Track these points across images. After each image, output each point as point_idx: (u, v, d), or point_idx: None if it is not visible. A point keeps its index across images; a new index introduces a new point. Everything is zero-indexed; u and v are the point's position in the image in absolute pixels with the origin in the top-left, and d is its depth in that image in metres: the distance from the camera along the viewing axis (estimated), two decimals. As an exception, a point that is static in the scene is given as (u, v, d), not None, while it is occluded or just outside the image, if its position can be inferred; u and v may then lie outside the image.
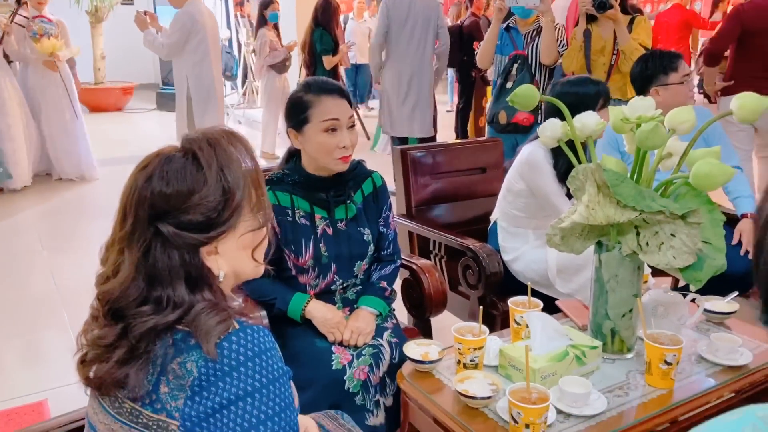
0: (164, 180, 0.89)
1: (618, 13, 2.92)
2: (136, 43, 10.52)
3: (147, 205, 0.88)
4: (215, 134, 0.94)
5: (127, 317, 0.88)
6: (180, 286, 0.89)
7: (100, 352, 0.89)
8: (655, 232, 1.40)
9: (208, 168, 0.90)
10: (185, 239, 0.88)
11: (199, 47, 4.35)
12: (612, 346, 1.53)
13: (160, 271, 0.88)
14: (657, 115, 1.38)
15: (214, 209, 0.90)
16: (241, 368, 0.85)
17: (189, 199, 0.88)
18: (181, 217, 0.88)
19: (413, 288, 2.01)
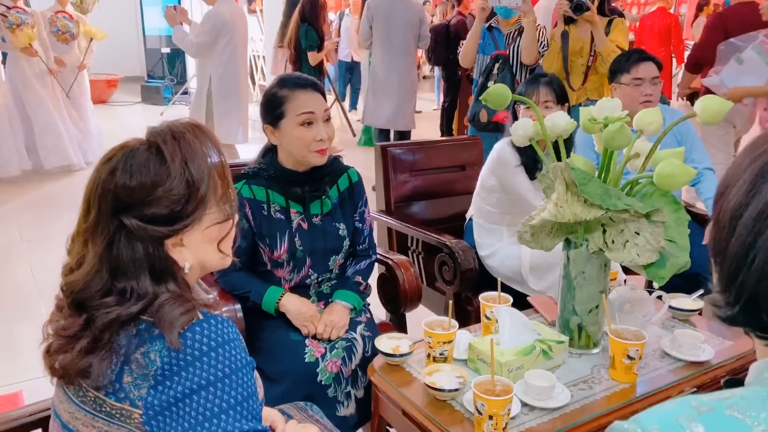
0: (128, 173, 0.89)
1: (595, 15, 2.96)
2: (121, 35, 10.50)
3: (110, 197, 0.89)
4: (180, 127, 0.95)
5: (91, 308, 0.89)
6: (144, 278, 0.90)
7: (64, 342, 0.90)
8: (621, 230, 1.43)
9: (171, 161, 0.90)
10: (149, 232, 0.89)
11: (226, 48, 4.27)
12: (579, 341, 1.57)
13: (124, 263, 0.89)
14: (623, 116, 1.41)
15: (178, 202, 0.90)
16: (204, 358, 0.87)
17: (153, 192, 0.89)
18: (144, 210, 0.89)
19: (389, 283, 2.03)
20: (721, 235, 0.69)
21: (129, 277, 0.89)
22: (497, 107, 1.58)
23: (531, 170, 2.13)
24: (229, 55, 4.31)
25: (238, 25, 4.34)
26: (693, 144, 2.47)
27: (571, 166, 1.44)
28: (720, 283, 0.70)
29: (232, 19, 4.24)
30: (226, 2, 4.28)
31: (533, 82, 2.16)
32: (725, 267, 0.68)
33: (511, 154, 2.13)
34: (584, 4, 2.95)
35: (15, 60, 5.18)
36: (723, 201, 0.70)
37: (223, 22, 4.19)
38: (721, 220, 0.69)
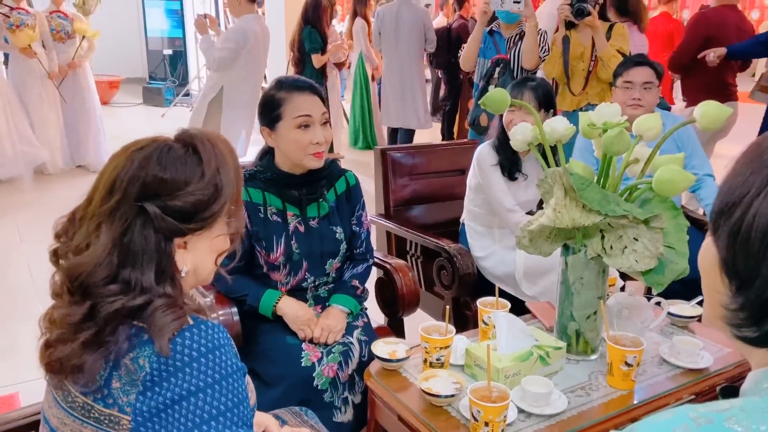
0: (162, 165, 0.91)
1: (596, 20, 2.96)
2: (123, 36, 10.52)
3: (139, 184, 0.90)
4: (213, 136, 0.98)
5: (95, 295, 0.88)
6: (149, 272, 0.90)
7: (66, 331, 0.88)
8: (619, 236, 1.43)
9: (207, 164, 0.93)
10: (167, 224, 0.90)
11: (246, 65, 4.23)
12: (576, 347, 1.56)
13: (135, 251, 0.89)
14: (622, 121, 1.41)
15: (202, 203, 0.92)
16: (194, 364, 0.86)
17: (183, 188, 0.91)
18: (168, 202, 0.90)
19: (387, 287, 2.02)
20: (748, 252, 0.63)
21: (136, 268, 0.89)
22: (496, 112, 1.57)
23: (508, 171, 2.16)
24: (248, 71, 4.26)
25: (260, 42, 4.28)
26: (693, 150, 2.46)
27: (569, 171, 1.43)
28: (739, 302, 0.65)
29: (254, 36, 4.18)
30: (251, 19, 4.21)
31: (520, 86, 2.16)
32: (757, 287, 0.62)
33: (488, 153, 2.20)
34: (585, 9, 2.95)
35: (16, 61, 5.18)
36: (740, 213, 0.64)
37: (246, 41, 4.13)
38: (744, 234, 0.63)
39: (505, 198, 2.14)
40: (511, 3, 3.08)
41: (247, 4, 4.15)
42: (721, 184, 0.69)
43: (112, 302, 0.87)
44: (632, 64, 2.38)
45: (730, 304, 0.66)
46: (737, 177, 0.66)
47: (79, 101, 5.53)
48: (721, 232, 0.67)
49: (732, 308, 0.66)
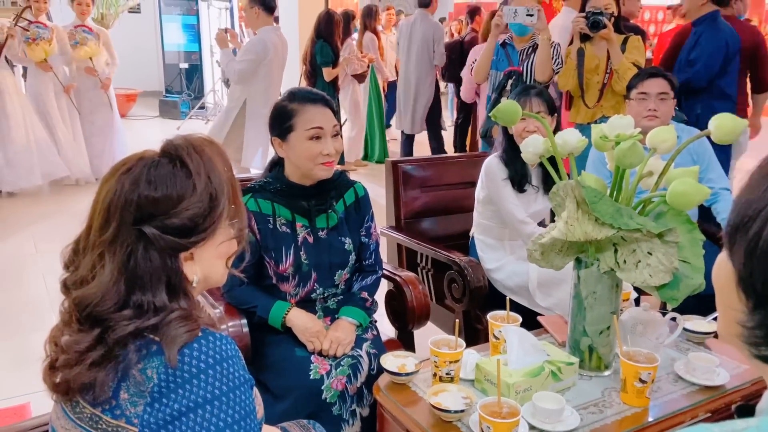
0: (152, 185, 0.89)
1: (611, 32, 2.94)
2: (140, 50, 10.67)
3: (133, 208, 0.88)
4: (198, 141, 0.95)
5: (106, 322, 0.87)
6: (161, 292, 0.89)
7: (72, 357, 0.88)
8: (633, 249, 1.40)
9: (197, 175, 0.91)
10: (168, 243, 0.89)
11: (266, 77, 4.26)
12: (589, 363, 1.53)
13: (142, 275, 0.88)
14: (635, 134, 1.39)
15: (200, 216, 0.91)
16: (202, 375, 0.85)
17: (177, 204, 0.89)
18: (166, 221, 0.89)
19: (396, 300, 2.01)
20: (766, 268, 0.60)
21: (145, 290, 0.89)
22: (508, 124, 1.57)
23: (518, 184, 2.16)
24: (268, 83, 4.28)
25: (279, 53, 4.31)
26: (709, 163, 2.43)
27: (582, 184, 1.42)
28: (757, 319, 0.62)
29: (274, 48, 4.21)
30: (270, 30, 4.24)
31: (524, 93, 2.17)
32: None
33: (498, 167, 2.18)
34: (601, 22, 2.93)
35: (34, 74, 5.27)
36: (757, 227, 0.62)
37: (265, 52, 4.16)
38: (761, 250, 0.61)
39: (517, 210, 2.13)
40: (524, 16, 3.07)
41: (264, 16, 4.18)
42: (736, 197, 0.67)
43: (126, 326, 0.87)
44: (647, 75, 2.36)
45: (747, 322, 0.63)
46: (753, 191, 0.64)
47: (98, 114, 5.59)
48: (737, 248, 0.64)
49: (749, 326, 0.63)
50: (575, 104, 3.22)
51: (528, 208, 2.17)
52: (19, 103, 5.08)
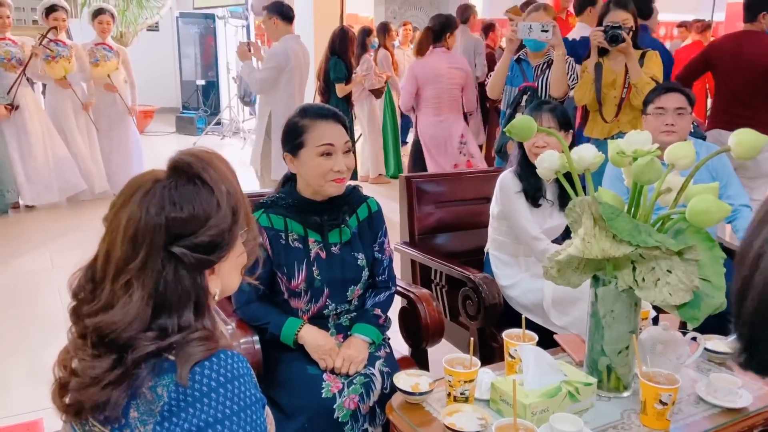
0: (177, 205, 0.88)
1: (630, 47, 2.91)
2: (158, 67, 10.81)
3: (163, 231, 0.87)
4: (206, 156, 0.95)
5: (126, 344, 0.86)
6: (188, 311, 0.89)
7: (87, 380, 0.86)
8: (652, 267, 1.37)
9: (218, 191, 0.91)
10: (198, 260, 0.89)
11: (288, 86, 4.25)
12: (608, 384, 1.50)
13: (171, 298, 0.88)
14: (653, 149, 1.37)
15: (226, 230, 0.91)
16: (213, 394, 0.84)
17: (206, 222, 0.89)
18: (194, 240, 0.89)
19: (410, 317, 1.99)
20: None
21: (172, 312, 0.88)
22: (522, 139, 1.55)
23: (533, 198, 2.13)
24: (290, 93, 4.27)
25: (301, 60, 4.31)
26: (729, 180, 2.39)
27: (598, 200, 1.39)
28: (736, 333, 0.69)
29: (295, 55, 4.22)
30: (290, 39, 4.25)
31: (537, 109, 2.16)
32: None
33: (511, 181, 2.16)
34: (620, 36, 2.90)
35: (53, 91, 5.35)
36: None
37: (287, 60, 4.16)
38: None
39: (530, 226, 2.10)
40: (539, 32, 3.06)
41: (283, 26, 4.22)
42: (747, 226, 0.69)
43: (147, 346, 0.86)
44: (664, 90, 2.34)
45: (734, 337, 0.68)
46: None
47: (117, 130, 5.65)
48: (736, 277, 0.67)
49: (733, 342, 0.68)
50: (591, 119, 3.19)
51: (543, 223, 2.14)
52: (38, 120, 5.15)
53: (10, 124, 4.97)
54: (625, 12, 2.97)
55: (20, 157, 5.05)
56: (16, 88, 4.92)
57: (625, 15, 2.97)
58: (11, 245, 4.48)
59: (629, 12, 2.99)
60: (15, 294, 3.64)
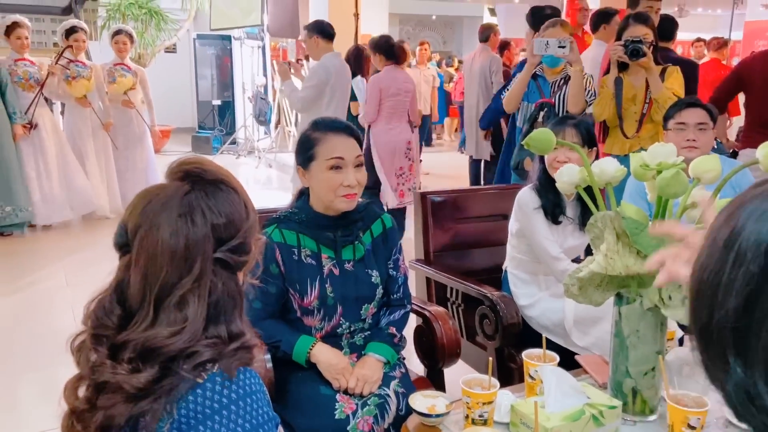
0: (215, 212, 0.90)
1: (651, 61, 2.87)
2: (175, 88, 10.95)
3: (211, 239, 0.89)
4: (213, 164, 0.97)
5: (178, 357, 0.85)
6: (237, 317, 0.90)
7: (131, 391, 0.84)
8: (678, 285, 1.32)
9: (241, 193, 0.95)
10: (239, 263, 0.92)
11: (330, 103, 4.23)
12: (633, 407, 1.43)
13: (223, 305, 0.89)
14: (678, 162, 1.32)
15: (252, 229, 0.94)
16: (224, 412, 0.81)
17: (241, 225, 0.92)
18: (233, 244, 0.91)
19: (426, 336, 1.94)
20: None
21: (224, 320, 0.89)
22: (541, 152, 1.51)
23: (552, 214, 2.08)
24: (333, 110, 4.23)
25: (343, 76, 4.31)
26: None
27: (621, 215, 1.35)
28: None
29: (336, 72, 4.21)
30: (332, 56, 4.26)
31: (560, 123, 2.12)
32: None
33: (530, 197, 2.11)
34: (640, 50, 2.86)
35: (72, 111, 5.42)
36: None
37: (328, 77, 4.15)
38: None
39: (550, 245, 2.04)
40: (556, 47, 3.04)
41: (324, 43, 4.24)
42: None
43: (204, 353, 0.85)
44: (684, 105, 2.29)
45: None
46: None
47: (133, 150, 5.70)
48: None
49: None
50: (612, 135, 3.15)
51: (563, 242, 2.09)
52: (55, 140, 5.21)
53: (28, 143, 5.02)
54: (645, 27, 2.94)
55: (37, 176, 5.10)
56: (33, 108, 4.99)
57: (645, 30, 2.94)
58: (26, 263, 4.51)
59: (648, 27, 2.96)
60: (29, 311, 3.64)
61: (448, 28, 18.95)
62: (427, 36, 11.86)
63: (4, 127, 4.82)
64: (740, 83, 3.65)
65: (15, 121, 4.86)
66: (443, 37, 18.32)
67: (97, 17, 9.89)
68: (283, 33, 7.82)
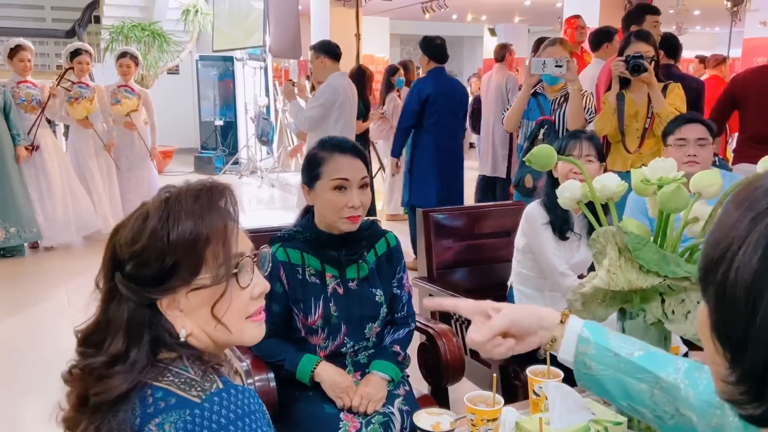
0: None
1: (652, 76, 2.88)
2: (178, 109, 11.03)
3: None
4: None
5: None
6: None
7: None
8: (681, 299, 1.32)
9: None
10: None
11: (338, 122, 4.25)
12: (638, 423, 1.42)
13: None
14: (679, 177, 1.33)
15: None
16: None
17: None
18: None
19: (430, 353, 1.93)
20: (734, 313, 0.55)
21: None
22: (543, 168, 1.51)
23: (560, 230, 2.08)
24: (341, 129, 4.24)
25: (350, 97, 4.33)
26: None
27: (624, 230, 1.35)
28: (737, 373, 0.56)
29: (344, 91, 4.24)
30: (338, 76, 4.29)
31: (575, 137, 2.15)
32: (751, 353, 0.54)
33: (539, 212, 2.12)
34: (642, 65, 2.87)
35: (76, 132, 5.46)
36: (723, 269, 0.56)
37: (335, 96, 4.17)
38: (729, 294, 0.55)
39: (557, 261, 2.05)
40: (553, 67, 3.06)
41: (330, 64, 4.28)
42: (707, 235, 0.60)
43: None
44: (684, 121, 2.31)
45: (728, 377, 0.57)
46: (722, 229, 0.58)
47: (136, 171, 5.74)
48: (708, 293, 0.58)
49: (730, 381, 0.56)
50: (613, 151, 3.16)
51: (570, 258, 2.09)
52: (57, 161, 5.24)
53: (30, 165, 5.06)
54: (647, 44, 2.97)
55: (39, 197, 5.12)
56: (35, 129, 5.03)
57: (647, 47, 2.96)
58: (29, 284, 4.51)
59: (650, 44, 2.98)
60: (32, 333, 3.63)
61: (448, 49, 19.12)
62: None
63: (8, 149, 4.86)
64: (735, 101, 3.67)
65: (18, 143, 4.90)
66: (443, 56, 18.45)
67: (100, 39, 10.01)
68: (285, 54, 7.91)
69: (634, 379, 0.96)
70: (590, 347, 1.02)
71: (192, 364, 0.87)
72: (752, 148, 3.52)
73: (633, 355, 0.98)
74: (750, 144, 3.61)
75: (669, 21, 10.67)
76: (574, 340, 1.05)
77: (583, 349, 1.04)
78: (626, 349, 0.99)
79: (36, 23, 11.00)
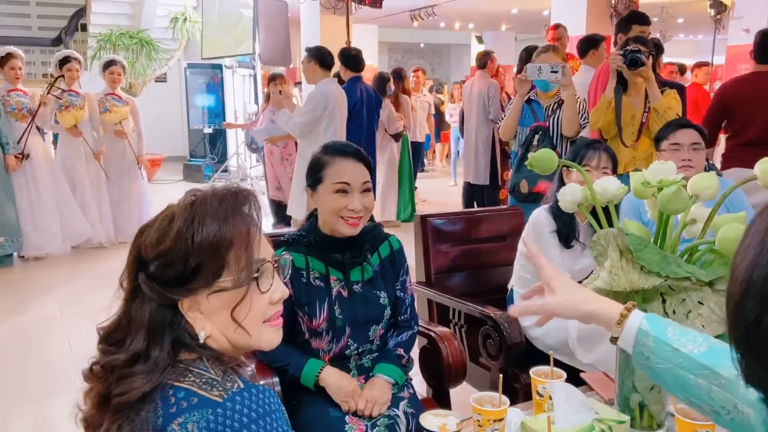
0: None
1: (650, 70, 2.90)
2: (166, 117, 10.99)
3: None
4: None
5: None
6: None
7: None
8: (682, 299, 1.34)
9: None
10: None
11: (329, 128, 4.27)
12: (641, 422, 1.44)
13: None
14: (678, 179, 1.36)
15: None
16: (244, 431, 0.81)
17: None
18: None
19: (431, 356, 1.94)
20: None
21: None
22: (544, 172, 1.54)
23: (565, 238, 2.10)
24: (331, 136, 4.27)
25: (339, 103, 4.36)
26: (747, 212, 2.38)
27: (624, 232, 1.37)
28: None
29: (334, 97, 4.26)
30: (328, 82, 4.32)
31: (593, 148, 2.16)
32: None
33: (546, 219, 2.13)
34: (639, 60, 2.87)
35: (65, 140, 5.43)
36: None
37: (325, 102, 4.20)
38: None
39: (560, 270, 2.05)
40: (548, 72, 3.10)
41: (321, 71, 4.34)
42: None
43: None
44: (677, 126, 2.35)
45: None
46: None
47: (126, 179, 5.71)
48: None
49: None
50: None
51: (573, 264, 2.11)
52: (47, 169, 5.20)
53: (20, 173, 5.01)
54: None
55: (29, 206, 5.08)
56: (26, 138, 4.99)
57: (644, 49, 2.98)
58: (19, 293, 4.47)
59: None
60: (23, 342, 3.60)
61: (436, 56, 19.25)
62: (415, 63, 12.05)
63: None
64: (726, 110, 3.71)
65: (8, 152, 4.86)
66: (431, 64, 18.60)
67: (87, 48, 9.96)
68: (275, 61, 7.91)
69: (693, 374, 0.96)
70: (649, 340, 1.03)
71: (212, 364, 0.88)
72: (741, 151, 3.57)
73: (694, 351, 0.98)
74: (738, 147, 3.66)
75: (653, 29, 10.80)
76: (634, 333, 1.06)
77: (642, 341, 1.04)
78: (687, 345, 0.99)
79: (22, 31, 10.93)
